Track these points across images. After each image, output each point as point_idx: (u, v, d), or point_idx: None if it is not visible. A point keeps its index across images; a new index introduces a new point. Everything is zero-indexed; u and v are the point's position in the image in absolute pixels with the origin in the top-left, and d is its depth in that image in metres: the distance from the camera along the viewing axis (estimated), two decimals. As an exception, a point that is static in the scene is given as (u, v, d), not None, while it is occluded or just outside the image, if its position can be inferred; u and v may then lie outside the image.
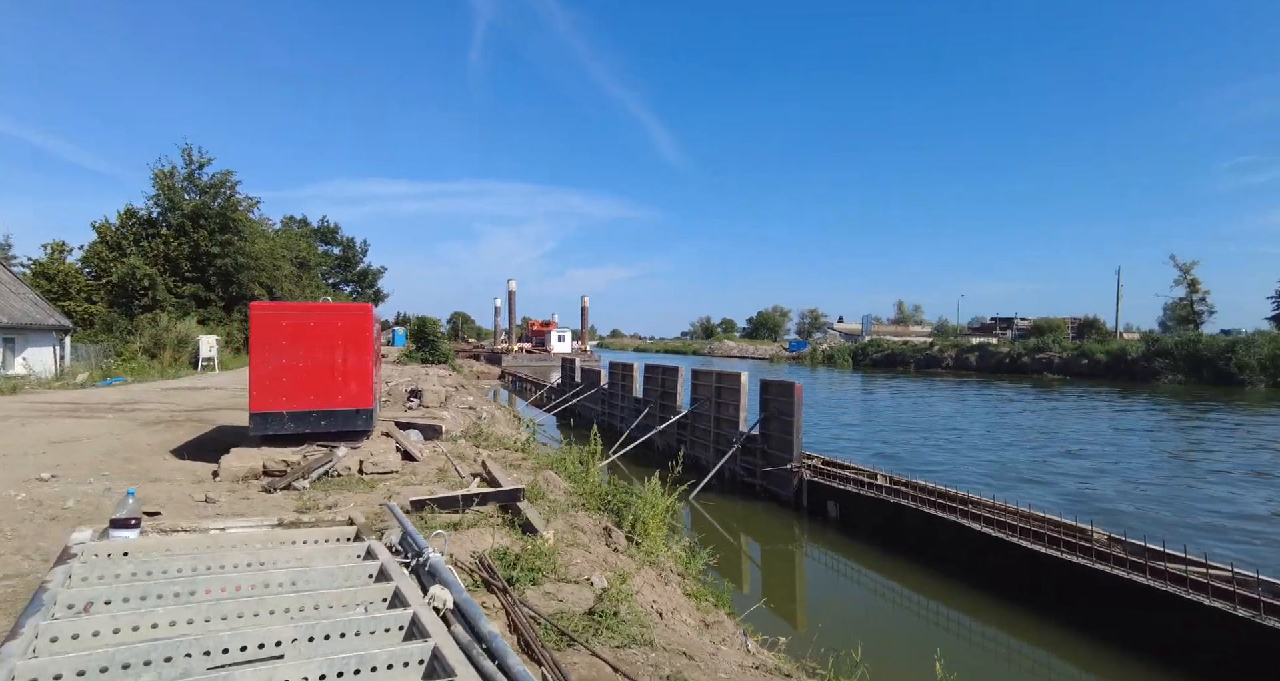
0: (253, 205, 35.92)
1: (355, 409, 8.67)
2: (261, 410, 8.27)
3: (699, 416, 18.96)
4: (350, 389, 8.64)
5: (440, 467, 9.09)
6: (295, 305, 8.55)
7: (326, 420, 8.55)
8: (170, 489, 7.04)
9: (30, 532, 5.62)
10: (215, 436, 10.81)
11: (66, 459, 8.23)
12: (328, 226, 61.10)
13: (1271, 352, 50.39)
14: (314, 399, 8.49)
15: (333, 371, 8.57)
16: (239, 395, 17.60)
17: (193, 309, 32.34)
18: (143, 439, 10.12)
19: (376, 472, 8.20)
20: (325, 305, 8.71)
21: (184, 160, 35.26)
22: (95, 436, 10.12)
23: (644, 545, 6.86)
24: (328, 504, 6.91)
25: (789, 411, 14.84)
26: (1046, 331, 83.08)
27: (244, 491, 7.29)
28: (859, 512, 12.68)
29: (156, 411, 13.36)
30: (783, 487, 14.82)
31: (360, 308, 8.78)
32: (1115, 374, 56.23)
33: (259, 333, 8.29)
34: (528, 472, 9.50)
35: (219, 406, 14.82)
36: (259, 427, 8.27)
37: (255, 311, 8.35)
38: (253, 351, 8.27)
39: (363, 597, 3.92)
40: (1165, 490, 16.06)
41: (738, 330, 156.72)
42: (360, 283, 62.26)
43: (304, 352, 8.45)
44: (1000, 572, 9.55)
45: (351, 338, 8.66)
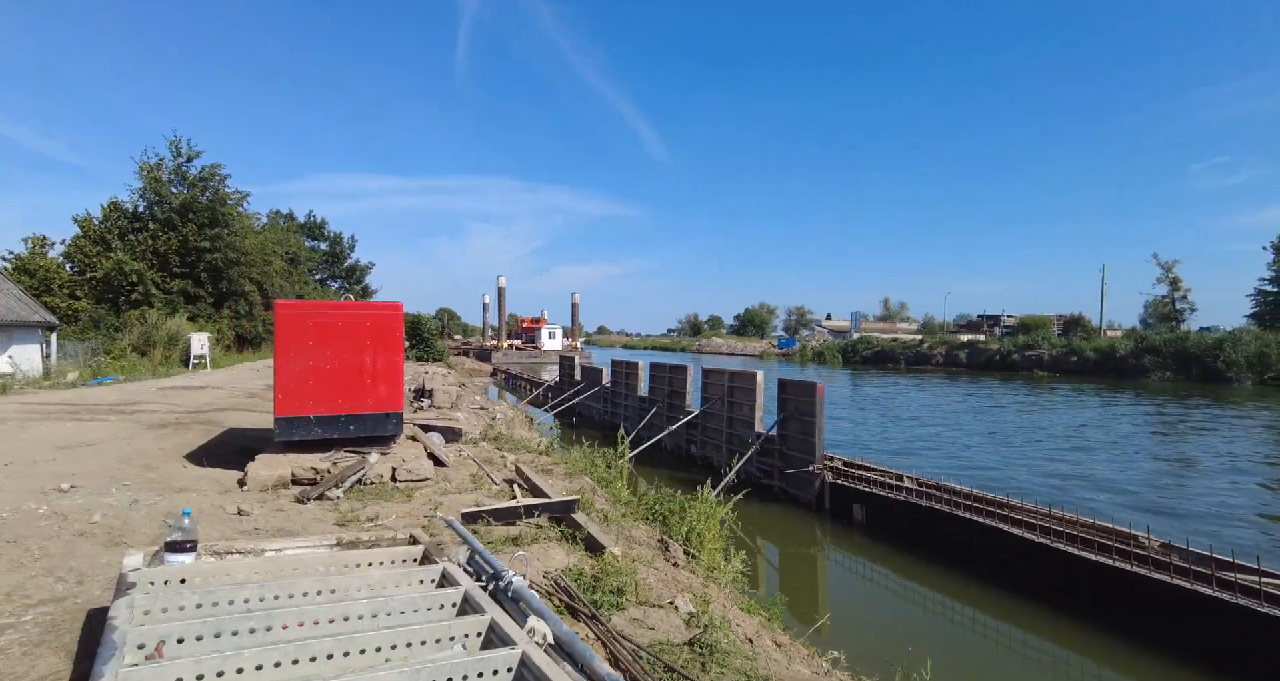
0: (242, 199, 35.20)
1: (385, 413, 8.26)
2: (287, 414, 7.85)
3: (710, 416, 18.66)
4: (380, 392, 8.23)
5: (472, 474, 8.71)
6: (322, 303, 8.12)
7: (355, 425, 8.14)
8: (199, 500, 6.61)
9: (59, 550, 5.18)
10: (227, 440, 10.35)
11: (80, 466, 7.75)
12: (314, 221, 60.14)
13: (1258, 350, 51.00)
14: (342, 402, 8.07)
15: (362, 373, 8.16)
16: (238, 395, 17.07)
17: (181, 305, 31.56)
18: (153, 443, 9.64)
19: (410, 480, 7.81)
20: (353, 303, 8.29)
21: (171, 153, 34.43)
22: (103, 441, 9.61)
23: (702, 559, 6.52)
24: (367, 515, 6.52)
25: (810, 412, 14.57)
26: (1033, 329, 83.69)
27: (275, 502, 6.88)
28: (887, 516, 12.43)
29: (159, 413, 12.83)
30: (803, 490, 14.55)
31: (390, 306, 8.37)
32: (1104, 371, 56.64)
33: (285, 332, 7.86)
34: (562, 478, 9.14)
35: (222, 407, 14.29)
36: (285, 433, 7.84)
37: (281, 309, 7.91)
38: (278, 352, 7.84)
39: (455, 632, 3.55)
40: (1185, 490, 15.98)
41: (724, 327, 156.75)
42: (348, 278, 61.36)
43: (331, 353, 8.03)
44: (1043, 579, 9.32)
45: (381, 337, 8.25)
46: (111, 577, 4.91)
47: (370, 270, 61.93)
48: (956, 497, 11.46)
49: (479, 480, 8.39)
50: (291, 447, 8.06)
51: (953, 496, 11.58)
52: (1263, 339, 52.56)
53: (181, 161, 34.73)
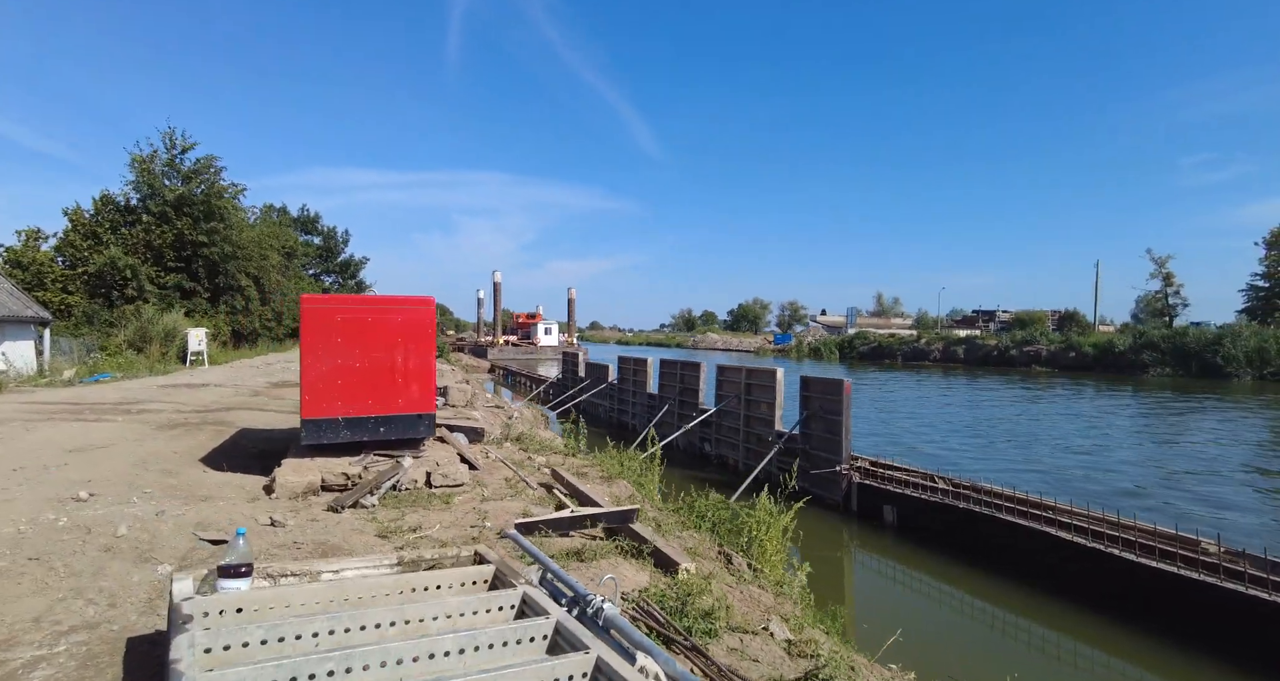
0: (238, 192, 34.46)
1: (417, 414, 7.83)
2: (314, 416, 7.40)
3: (726, 414, 18.28)
4: (411, 392, 7.79)
5: (507, 478, 8.30)
6: (350, 298, 7.67)
7: (386, 427, 7.70)
8: (227, 509, 6.16)
9: (86, 568, 4.74)
10: (241, 442, 9.89)
11: (94, 472, 7.28)
12: (308, 216, 59.32)
13: (1257, 346, 51.10)
14: (372, 403, 7.63)
15: (393, 372, 7.72)
16: (242, 393, 16.57)
17: (177, 300, 30.89)
18: (165, 445, 9.17)
19: (446, 485, 7.39)
20: (383, 298, 7.84)
21: (165, 145, 33.67)
22: (112, 443, 9.14)
23: (765, 572, 6.13)
24: (409, 526, 6.10)
25: (836, 410, 14.21)
26: (1028, 324, 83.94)
27: (307, 510, 6.45)
28: (921, 518, 12.09)
29: (166, 412, 12.34)
30: (828, 490, 14.20)
31: (422, 302, 7.92)
32: (1102, 367, 56.67)
33: (311, 329, 7.41)
34: (599, 482, 8.73)
35: (229, 406, 13.80)
36: (312, 435, 7.39)
37: (307, 305, 7.46)
38: (304, 350, 7.39)
39: (559, 674, 3.14)
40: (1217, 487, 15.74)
41: (718, 323, 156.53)
42: (342, 273, 60.62)
43: (360, 352, 7.59)
44: (1097, 586, 8.99)
45: (412, 334, 7.81)
46: (145, 599, 4.48)
47: (365, 265, 61.23)
48: (996, 499, 11.12)
49: (515, 485, 7.98)
50: (318, 451, 7.62)
51: (993, 498, 11.24)
52: (1261, 334, 52.67)
53: (175, 154, 33.95)
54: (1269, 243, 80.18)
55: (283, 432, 10.83)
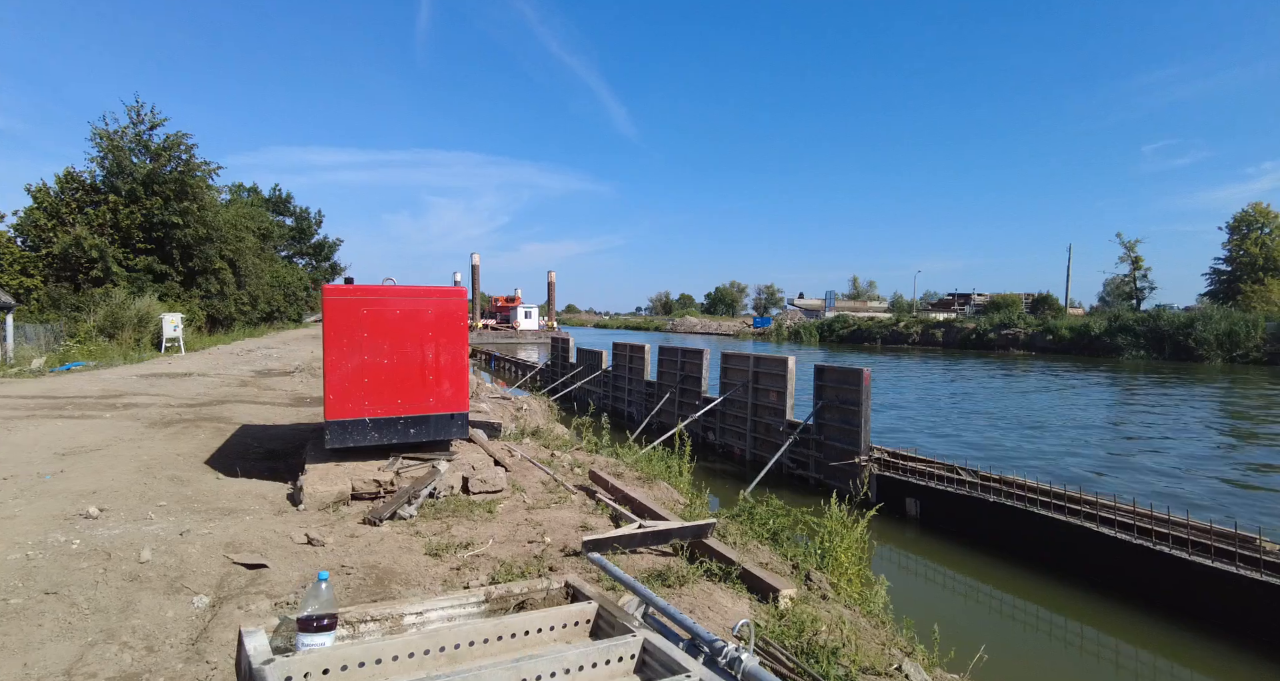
0: (211, 171, 32.99)
1: (450, 413, 7.26)
2: (340, 417, 6.80)
3: (731, 403, 17.89)
4: (443, 390, 7.22)
5: (542, 481, 7.79)
6: (377, 289, 7.04)
7: (416, 428, 7.12)
8: (256, 526, 5.57)
9: (113, 603, 4.16)
10: (246, 441, 9.22)
11: (97, 481, 6.61)
12: (280, 196, 57.52)
13: (1228, 328, 52.15)
14: (401, 403, 7.05)
15: (423, 369, 7.13)
16: (229, 383, 15.77)
17: (148, 284, 29.58)
18: (165, 447, 8.48)
19: (485, 491, 6.85)
20: (412, 289, 7.22)
21: (131, 119, 32.10)
22: (106, 444, 8.43)
23: (843, 588, 5.71)
24: (459, 542, 5.57)
25: (854, 400, 13.87)
26: (1003, 307, 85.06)
27: (342, 524, 5.88)
28: (946, 512, 11.82)
29: (155, 407, 11.57)
30: (846, 482, 13.89)
31: (454, 292, 7.32)
32: (1078, 349, 57.51)
33: (334, 322, 6.79)
34: (636, 483, 8.25)
35: (220, 398, 13.04)
36: (337, 438, 6.80)
37: (330, 296, 6.82)
38: (327, 346, 6.77)
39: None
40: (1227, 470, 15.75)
41: (696, 306, 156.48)
42: (315, 256, 59.04)
43: (389, 346, 6.99)
44: (1144, 585, 8.78)
45: (444, 327, 7.22)
46: (186, 639, 3.92)
47: (339, 247, 59.68)
48: (1029, 493, 10.87)
49: (554, 489, 7.47)
50: (343, 455, 7.04)
51: (1024, 491, 10.98)
52: (1231, 317, 53.73)
53: (143, 129, 32.42)
54: (1231, 227, 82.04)
55: (287, 429, 10.17)
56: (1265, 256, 78.12)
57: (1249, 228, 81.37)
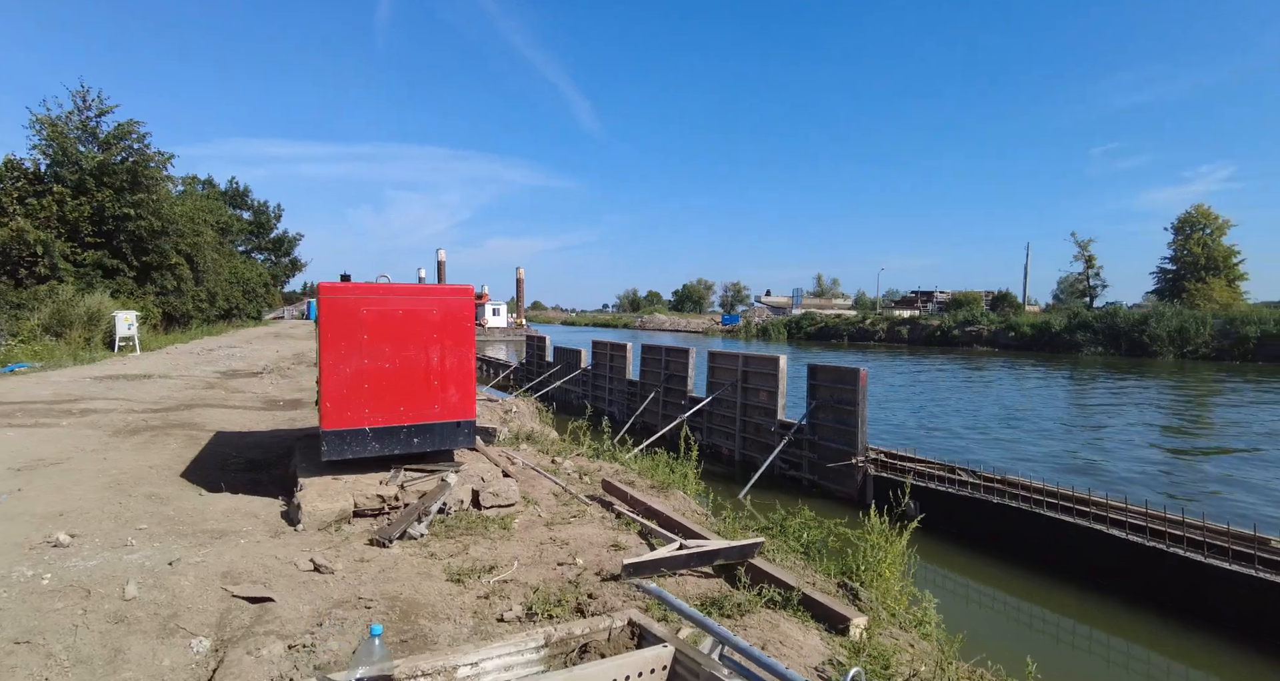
0: (166, 161, 31.43)
1: (456, 421, 6.72)
2: (338, 426, 6.21)
3: (719, 402, 17.55)
4: (449, 395, 6.67)
5: (553, 492, 7.29)
6: (376, 287, 6.46)
7: (421, 437, 6.57)
8: (252, 550, 4.98)
9: (97, 652, 3.57)
10: (222, 450, 8.52)
11: (63, 501, 5.92)
12: (237, 189, 55.49)
13: (1179, 326, 53.75)
14: (404, 410, 6.49)
15: (428, 373, 6.58)
16: (194, 385, 14.87)
17: (98, 279, 28.05)
18: (135, 459, 7.76)
19: (498, 506, 6.34)
20: (414, 287, 6.66)
21: (77, 105, 30.43)
22: (67, 457, 7.67)
23: (889, 607, 5.34)
24: (481, 564, 5.07)
25: (850, 400, 13.63)
26: (964, 304, 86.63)
27: (347, 545, 5.32)
28: (947, 513, 11.62)
29: (117, 413, 10.73)
30: (842, 483, 13.66)
31: (460, 290, 6.78)
32: (1040, 345, 58.74)
33: (332, 323, 6.20)
34: (653, 493, 7.80)
35: (187, 402, 12.21)
36: (335, 449, 6.21)
37: (326, 294, 6.23)
38: (323, 348, 6.18)
39: None
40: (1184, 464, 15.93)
41: (663, 303, 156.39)
42: (275, 251, 57.17)
43: (391, 350, 6.42)
44: (1156, 588, 8.65)
45: (449, 328, 6.67)
46: (190, 695, 3.37)
47: (299, 242, 57.84)
48: (1031, 493, 10.72)
49: (568, 502, 6.98)
50: (339, 467, 6.45)
51: (1026, 492, 10.83)
52: (1182, 315, 55.38)
53: (91, 116, 30.77)
54: (1176, 228, 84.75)
55: (265, 436, 9.48)
56: (1207, 256, 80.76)
57: (1192, 228, 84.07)
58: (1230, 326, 51.92)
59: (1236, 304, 69.93)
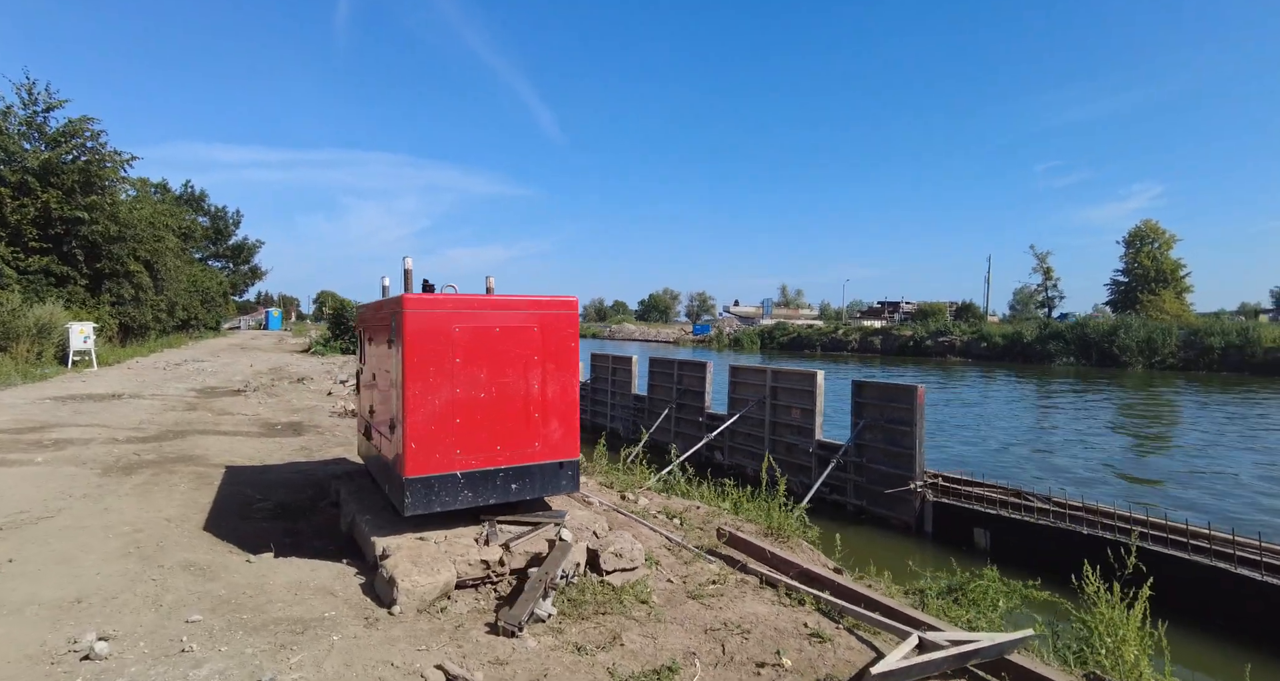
0: (124, 162, 29.17)
1: (558, 462, 5.52)
2: (425, 472, 4.97)
3: (744, 420, 16.52)
4: (550, 431, 5.48)
5: (663, 543, 6.13)
6: (469, 300, 5.24)
7: (519, 482, 5.36)
8: (356, 655, 3.72)
9: None
10: (241, 491, 7.13)
11: (73, 577, 4.53)
12: (193, 193, 52.69)
13: (1146, 336, 54.84)
14: (501, 449, 5.27)
15: (527, 403, 5.38)
16: (174, 405, 13.25)
17: (46, 288, 25.76)
18: (139, 507, 6.34)
19: (620, 569, 5.16)
20: (512, 299, 5.46)
21: (20, 99, 28.09)
22: (57, 506, 6.22)
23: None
24: (653, 663, 3.92)
25: (905, 419, 12.72)
26: (929, 315, 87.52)
27: (464, 636, 4.10)
28: (1026, 545, 10.75)
29: (98, 443, 9.19)
30: (895, 510, 12.73)
31: (563, 303, 5.60)
32: (1011, 356, 59.33)
33: (419, 344, 4.98)
34: (767, 539, 6.68)
35: (175, 428, 10.66)
36: (421, 501, 4.97)
37: (412, 308, 5.00)
38: (408, 375, 4.94)
39: None
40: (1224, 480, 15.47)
41: (629, 312, 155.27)
42: (234, 258, 54.45)
43: (487, 375, 5.21)
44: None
45: (553, 349, 5.50)
46: None
47: (259, 249, 55.20)
48: (1117, 522, 9.91)
49: (687, 558, 5.83)
50: (420, 522, 5.20)
51: (1111, 520, 10.03)
52: (1149, 326, 56.55)
53: (36, 111, 28.44)
54: (1127, 242, 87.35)
55: (284, 470, 8.10)
56: (1156, 269, 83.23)
57: (1142, 242, 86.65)
58: (1195, 337, 53.10)
59: (1185, 315, 72.02)
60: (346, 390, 17.89)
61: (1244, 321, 57.65)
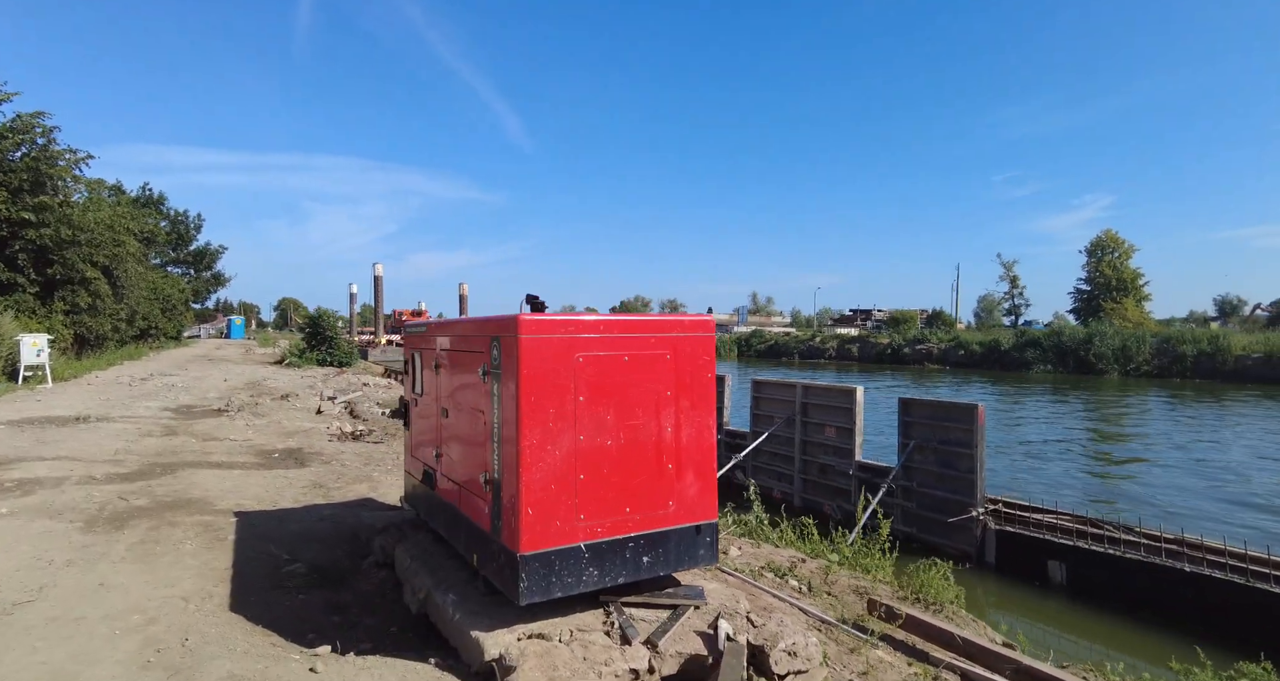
0: (79, 161, 27.10)
1: (695, 525, 4.40)
2: (544, 546, 3.82)
3: (772, 439, 15.52)
4: (686, 486, 4.36)
5: (813, 624, 5.03)
6: (593, 322, 4.11)
7: (652, 554, 4.22)
8: None
9: None
10: (262, 548, 5.86)
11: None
12: (150, 196, 50.03)
13: (1120, 344, 55.52)
14: (630, 512, 4.14)
15: (660, 452, 4.26)
16: (150, 429, 11.76)
17: (-8, 297, 23.67)
18: (143, 581, 5.04)
19: (794, 672, 4.04)
20: (639, 320, 4.33)
21: (-36, 91, 25.94)
22: (37, 583, 4.89)
23: None
24: None
25: (963, 440, 11.83)
26: (901, 322, 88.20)
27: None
28: (1110, 580, 9.90)
29: (71, 483, 7.76)
30: (952, 538, 11.81)
31: (699, 323, 4.49)
32: (989, 363, 59.62)
33: (537, 379, 3.83)
34: (916, 607, 5.63)
35: (158, 460, 9.23)
36: (539, 585, 3.81)
37: (529, 333, 3.84)
38: (524, 417, 3.79)
39: None
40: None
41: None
42: (195, 265, 51.92)
43: (615, 417, 4.09)
44: None
45: (688, 381, 4.38)
46: None
47: (222, 254, 52.72)
48: (1228, 559, 9.10)
49: (852, 646, 4.74)
50: (533, 609, 4.02)
51: (1222, 557, 9.20)
52: (1123, 334, 57.30)
53: (-21, 104, 26.31)
54: (1089, 251, 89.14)
55: (305, 518, 6.82)
56: (1117, 278, 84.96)
57: (1103, 251, 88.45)
58: (1167, 345, 53.87)
59: (1146, 322, 73.55)
60: (337, 408, 16.46)
61: (1214, 329, 58.73)
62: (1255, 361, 48.49)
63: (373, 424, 14.32)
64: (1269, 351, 48.13)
